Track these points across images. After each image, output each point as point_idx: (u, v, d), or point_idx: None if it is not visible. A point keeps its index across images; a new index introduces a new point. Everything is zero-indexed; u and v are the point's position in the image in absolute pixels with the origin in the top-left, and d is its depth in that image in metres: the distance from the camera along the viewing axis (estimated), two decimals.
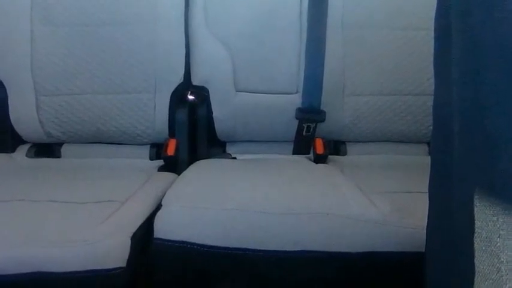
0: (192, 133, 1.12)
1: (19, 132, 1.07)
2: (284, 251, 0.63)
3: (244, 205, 0.68)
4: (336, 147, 1.10)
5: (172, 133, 1.08)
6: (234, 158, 1.08)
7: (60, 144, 1.09)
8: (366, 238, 0.64)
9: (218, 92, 1.07)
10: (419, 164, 0.88)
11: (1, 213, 0.71)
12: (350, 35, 1.06)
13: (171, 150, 1.03)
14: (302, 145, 1.08)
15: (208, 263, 0.65)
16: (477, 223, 0.31)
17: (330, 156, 1.07)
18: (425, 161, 0.45)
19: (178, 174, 0.92)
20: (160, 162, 1.06)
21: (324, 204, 0.69)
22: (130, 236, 0.64)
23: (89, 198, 0.76)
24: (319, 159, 1.03)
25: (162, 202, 0.70)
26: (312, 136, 1.06)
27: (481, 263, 0.31)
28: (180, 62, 1.06)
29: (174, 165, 1.03)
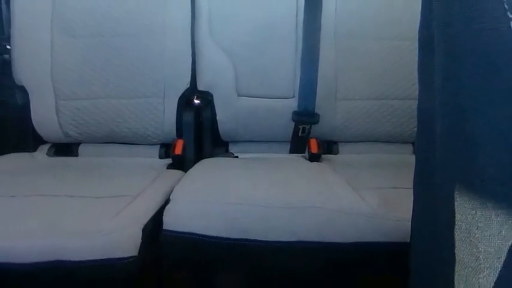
0: (198, 134, 1.11)
1: (40, 133, 1.08)
2: (282, 241, 0.63)
3: (245, 199, 0.67)
4: (329, 147, 1.10)
5: (179, 134, 1.08)
6: (236, 157, 1.08)
7: (77, 144, 1.09)
8: (356, 229, 0.63)
9: (221, 97, 1.07)
10: (404, 162, 0.88)
11: (24, 207, 0.71)
12: (341, 45, 1.06)
13: (179, 149, 1.03)
14: (298, 145, 1.08)
15: (212, 252, 0.65)
16: (457, 216, 0.31)
17: (323, 155, 1.07)
18: (410, 160, 0.45)
19: (185, 171, 0.92)
20: (168, 160, 1.06)
21: (318, 198, 0.68)
22: (141, 228, 0.64)
23: (104, 193, 0.76)
24: (313, 158, 1.04)
25: (171, 197, 0.70)
26: (307, 137, 1.06)
27: (461, 252, 0.31)
28: (187, 69, 1.06)
29: (182, 163, 1.03)
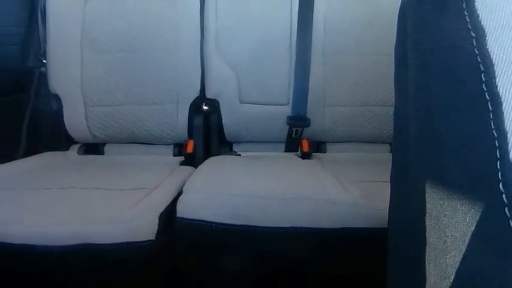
0: (206, 135, 1.11)
1: (71, 134, 1.08)
2: (278, 227, 0.63)
3: (247, 191, 0.67)
4: (318, 146, 1.09)
5: (190, 135, 1.08)
6: (239, 155, 1.08)
7: (103, 144, 1.09)
8: (341, 217, 0.63)
9: (226, 103, 1.07)
10: (383, 160, 0.89)
11: (57, 197, 0.71)
12: (329, 60, 1.06)
13: (190, 148, 1.04)
14: (292, 145, 1.08)
15: (219, 236, 0.65)
16: (428, 205, 0.31)
17: (314, 153, 1.07)
18: (387, 157, 0.45)
19: (195, 167, 0.92)
20: (181, 158, 1.06)
21: (309, 190, 0.68)
22: (158, 215, 0.64)
23: (126, 186, 0.76)
24: (305, 156, 1.04)
25: (183, 189, 0.70)
26: (300, 138, 1.06)
27: (431, 237, 0.31)
28: (197, 80, 1.06)
29: (192, 160, 1.03)
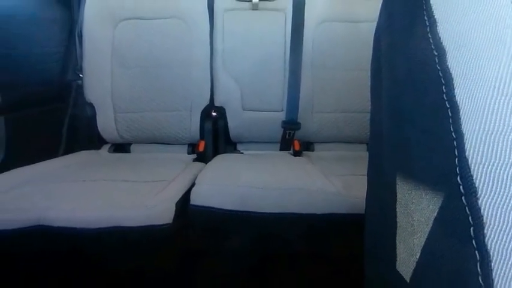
0: (215, 137, 1.12)
1: (103, 136, 1.08)
2: (274, 213, 0.63)
3: (249, 183, 0.68)
4: (307, 146, 1.10)
5: (202, 137, 1.08)
6: (242, 153, 1.08)
7: (129, 144, 1.09)
8: (326, 204, 0.64)
9: (232, 111, 1.07)
10: (361, 157, 0.90)
11: (91, 188, 0.71)
12: (317, 74, 1.06)
13: (201, 148, 1.04)
14: (285, 145, 1.08)
15: (226, 221, 0.65)
16: (398, 195, 0.31)
17: (304, 152, 1.07)
18: (365, 155, 0.46)
19: (205, 163, 0.92)
20: (194, 156, 1.06)
21: (300, 182, 0.69)
22: (175, 203, 0.64)
23: (149, 178, 0.77)
24: (296, 154, 1.04)
25: (196, 181, 0.70)
26: (292, 139, 1.06)
27: (401, 221, 0.31)
28: (207, 91, 1.06)
29: (203, 157, 1.03)
